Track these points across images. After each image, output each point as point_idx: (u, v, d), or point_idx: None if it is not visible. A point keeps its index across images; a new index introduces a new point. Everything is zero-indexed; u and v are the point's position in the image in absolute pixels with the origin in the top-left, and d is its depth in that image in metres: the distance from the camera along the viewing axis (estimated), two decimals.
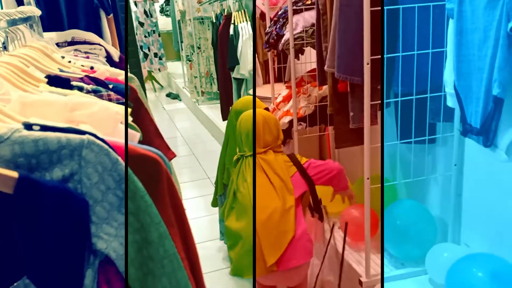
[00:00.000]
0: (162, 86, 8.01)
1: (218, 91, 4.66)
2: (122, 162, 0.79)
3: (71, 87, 1.16)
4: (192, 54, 5.66)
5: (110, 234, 0.79)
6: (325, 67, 2.19)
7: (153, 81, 7.81)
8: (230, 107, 2.33)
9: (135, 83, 1.64)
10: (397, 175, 2.27)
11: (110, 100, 1.22)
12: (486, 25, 1.36)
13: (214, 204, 2.48)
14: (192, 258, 0.94)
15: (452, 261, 1.74)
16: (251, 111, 2.01)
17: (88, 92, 1.20)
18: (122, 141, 0.88)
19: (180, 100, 6.98)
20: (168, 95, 7.26)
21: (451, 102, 1.66)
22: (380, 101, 1.93)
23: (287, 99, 2.92)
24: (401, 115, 1.96)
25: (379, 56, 1.79)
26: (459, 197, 2.02)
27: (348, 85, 2.11)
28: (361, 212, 2.12)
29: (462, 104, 1.56)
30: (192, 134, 5.24)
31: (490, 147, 1.47)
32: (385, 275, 1.92)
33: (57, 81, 1.18)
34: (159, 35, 7.28)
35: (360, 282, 1.89)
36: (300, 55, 2.79)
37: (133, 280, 0.83)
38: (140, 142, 1.12)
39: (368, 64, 1.73)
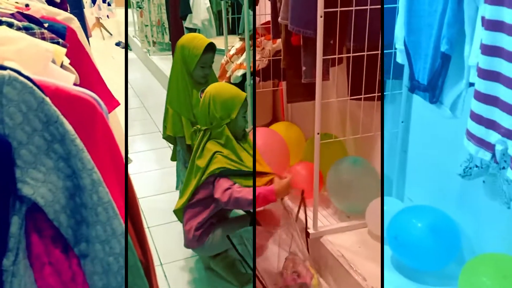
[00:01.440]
0: (111, 34, 7.64)
1: (170, 42, 4.49)
2: (49, 101, 0.72)
3: None
4: (143, 1, 5.39)
5: (38, 179, 0.74)
6: (279, 19, 2.13)
7: (102, 29, 7.43)
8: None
9: (75, 24, 1.53)
10: (346, 131, 2.30)
11: (43, 38, 1.13)
12: None
13: (173, 158, 2.42)
14: (131, 206, 0.91)
15: (390, 214, 1.80)
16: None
17: (18, 29, 1.09)
18: (52, 80, 0.81)
19: (130, 50, 6.71)
20: (118, 44, 6.95)
21: (400, 58, 1.66)
22: (332, 57, 1.92)
23: (240, 51, 2.85)
24: (352, 71, 1.95)
25: (334, 9, 1.76)
26: (405, 154, 2.07)
27: (301, 39, 2.07)
28: (306, 168, 2.14)
29: (411, 60, 1.57)
30: (143, 86, 5.07)
31: (436, 103, 1.50)
32: (328, 228, 1.97)
33: None
34: None
35: (308, 234, 1.94)
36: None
37: (65, 227, 0.79)
38: (79, 87, 1.04)
39: (321, 17, 1.69)
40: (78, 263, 0.81)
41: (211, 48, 2.11)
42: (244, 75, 2.69)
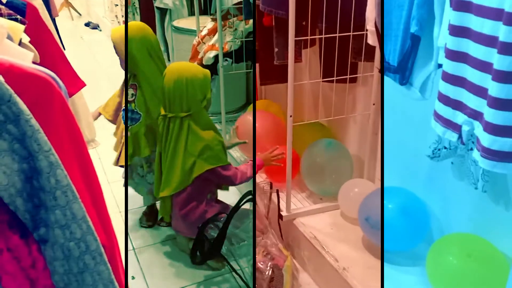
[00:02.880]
0: (80, 14, 7.42)
1: (140, 22, 4.39)
2: (1, 80, 0.69)
3: None
4: None
5: None
6: None
7: (70, 8, 7.21)
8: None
9: (36, 1, 1.46)
10: (319, 114, 2.29)
11: (0, 15, 1.07)
12: None
13: None
14: (93, 190, 0.88)
15: (362, 196, 1.82)
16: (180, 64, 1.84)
17: None
18: (6, 58, 0.77)
19: (100, 30, 6.54)
20: (87, 24, 6.76)
21: (371, 39, 1.65)
22: (304, 38, 1.90)
23: (212, 32, 2.80)
24: (325, 53, 1.94)
25: None
26: (376, 136, 2.09)
27: (273, 19, 2.05)
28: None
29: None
30: (114, 68, 4.94)
31: (406, 85, 1.50)
32: (300, 210, 1.98)
33: None
34: None
35: (281, 216, 1.94)
36: None
37: (22, 212, 0.76)
38: (41, 66, 1.00)
39: None
40: (38, 248, 0.79)
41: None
42: (216, 57, 2.64)
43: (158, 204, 2.15)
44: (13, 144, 0.71)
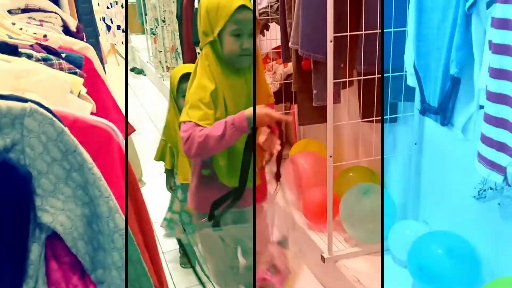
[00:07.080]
0: None
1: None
2: (68, 132, 0.75)
3: (19, 54, 1.10)
4: (157, 27, 5.51)
5: (57, 207, 0.76)
6: (289, 44, 2.17)
7: (116, 55, 7.59)
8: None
9: (91, 53, 1.57)
10: (359, 154, 2.29)
11: (61, 69, 1.16)
12: (445, 4, 1.37)
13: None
14: (146, 232, 0.93)
15: (413, 239, 1.78)
16: None
17: (38, 60, 1.13)
18: (70, 111, 0.84)
19: (145, 75, 6.83)
20: (132, 69, 7.08)
21: (411, 81, 1.67)
22: (343, 80, 1.94)
23: None
24: (363, 94, 1.97)
25: (343, 34, 1.79)
26: (419, 175, 2.06)
27: (311, 63, 2.10)
28: (322, 193, 2.12)
29: (421, 83, 1.58)
30: (157, 111, 5.14)
31: (447, 125, 1.50)
32: (343, 252, 1.96)
33: (3, 47, 1.11)
34: (122, 7, 7.03)
35: (322, 258, 1.92)
36: (265, 31, 2.76)
37: (82, 254, 0.81)
38: (96, 115, 1.08)
39: (331, 41, 1.72)
40: None
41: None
42: None
43: None
44: (76, 191, 0.77)
